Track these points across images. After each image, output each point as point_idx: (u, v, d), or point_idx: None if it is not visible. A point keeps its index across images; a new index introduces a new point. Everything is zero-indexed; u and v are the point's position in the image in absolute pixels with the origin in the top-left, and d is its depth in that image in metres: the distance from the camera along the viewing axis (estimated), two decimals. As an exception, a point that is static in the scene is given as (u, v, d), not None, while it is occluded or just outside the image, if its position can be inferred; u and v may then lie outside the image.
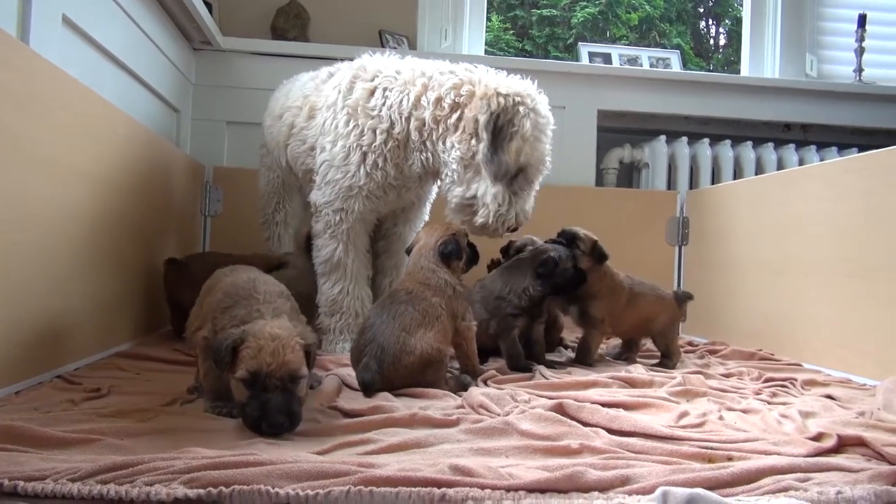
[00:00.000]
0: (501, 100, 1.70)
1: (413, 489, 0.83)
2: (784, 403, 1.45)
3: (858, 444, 1.08)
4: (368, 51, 2.08)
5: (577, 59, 3.47)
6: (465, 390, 1.45)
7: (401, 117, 1.82)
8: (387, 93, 1.85)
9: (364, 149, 1.86)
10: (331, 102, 1.96)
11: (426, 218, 2.19)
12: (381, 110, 1.84)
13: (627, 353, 2.02)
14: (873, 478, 0.93)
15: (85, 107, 1.64)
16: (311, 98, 2.06)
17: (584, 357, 1.89)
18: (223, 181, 2.82)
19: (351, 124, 1.87)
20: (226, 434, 1.12)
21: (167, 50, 2.55)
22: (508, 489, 0.85)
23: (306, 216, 2.27)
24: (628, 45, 5.05)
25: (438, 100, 1.77)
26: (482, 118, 1.70)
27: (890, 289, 1.73)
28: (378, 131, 1.84)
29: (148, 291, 2.10)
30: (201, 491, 0.81)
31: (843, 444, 1.09)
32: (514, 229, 1.78)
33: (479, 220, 1.74)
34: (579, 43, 3.64)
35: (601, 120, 3.21)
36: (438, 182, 1.98)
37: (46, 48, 1.57)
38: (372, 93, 1.87)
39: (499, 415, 1.25)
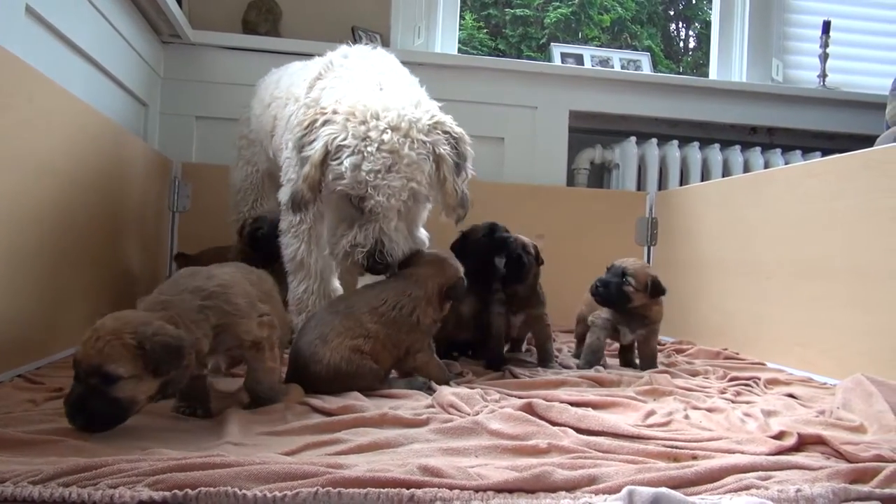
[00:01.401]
0: (306, 120, 1.58)
1: (382, 490, 0.83)
2: (748, 402, 1.48)
3: (818, 442, 1.11)
4: (346, 43, 1.96)
5: (550, 60, 3.49)
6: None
7: None
8: (324, 92, 1.75)
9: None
10: (297, 96, 1.86)
11: None
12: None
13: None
14: (832, 476, 0.95)
15: (48, 100, 1.60)
16: (293, 89, 1.97)
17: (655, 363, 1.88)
18: (192, 177, 2.77)
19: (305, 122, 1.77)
20: (192, 434, 1.11)
21: (135, 42, 2.51)
22: (477, 489, 0.86)
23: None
24: (600, 46, 5.10)
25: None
26: (291, 139, 1.58)
27: (850, 290, 1.78)
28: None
29: (113, 288, 2.06)
30: (167, 493, 0.80)
31: (804, 443, 1.11)
32: (368, 268, 1.57)
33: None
34: (552, 44, 3.67)
35: (573, 120, 3.24)
36: None
37: (8, 39, 1.53)
38: (324, 91, 1.77)
39: (469, 414, 1.25)
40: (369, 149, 1.49)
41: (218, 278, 1.23)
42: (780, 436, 1.15)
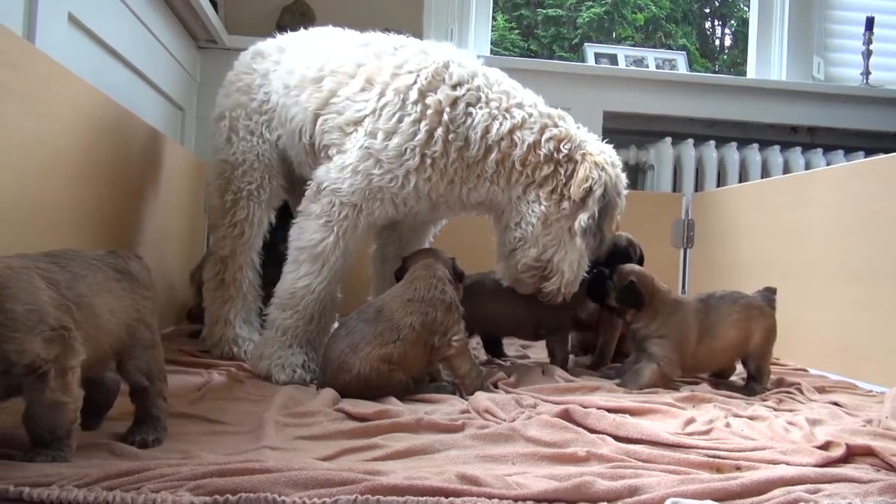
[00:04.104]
0: (611, 173, 1.68)
1: (420, 498, 0.83)
2: (791, 410, 1.44)
3: (867, 453, 1.07)
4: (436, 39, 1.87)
5: (583, 60, 3.46)
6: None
7: (481, 140, 1.64)
8: (470, 109, 1.65)
9: (427, 158, 1.63)
10: (401, 87, 1.66)
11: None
12: (459, 127, 1.64)
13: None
14: (883, 490, 0.92)
15: (90, 105, 1.63)
16: (369, 68, 1.73)
17: None
18: (227, 180, 2.80)
19: (422, 126, 1.62)
20: (231, 438, 1.12)
21: (172, 48, 2.55)
22: (516, 499, 0.85)
23: None
24: (634, 45, 5.04)
25: (535, 144, 1.66)
26: (597, 190, 1.64)
27: (895, 294, 1.72)
28: (453, 148, 1.63)
29: (152, 291, 2.09)
30: (207, 498, 0.81)
31: (852, 454, 1.08)
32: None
33: (551, 286, 1.70)
34: (585, 44, 3.64)
35: (607, 121, 3.20)
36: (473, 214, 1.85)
37: (52, 47, 1.57)
38: (454, 103, 1.65)
39: (504, 420, 1.24)
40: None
41: None
42: (826, 446, 1.12)
